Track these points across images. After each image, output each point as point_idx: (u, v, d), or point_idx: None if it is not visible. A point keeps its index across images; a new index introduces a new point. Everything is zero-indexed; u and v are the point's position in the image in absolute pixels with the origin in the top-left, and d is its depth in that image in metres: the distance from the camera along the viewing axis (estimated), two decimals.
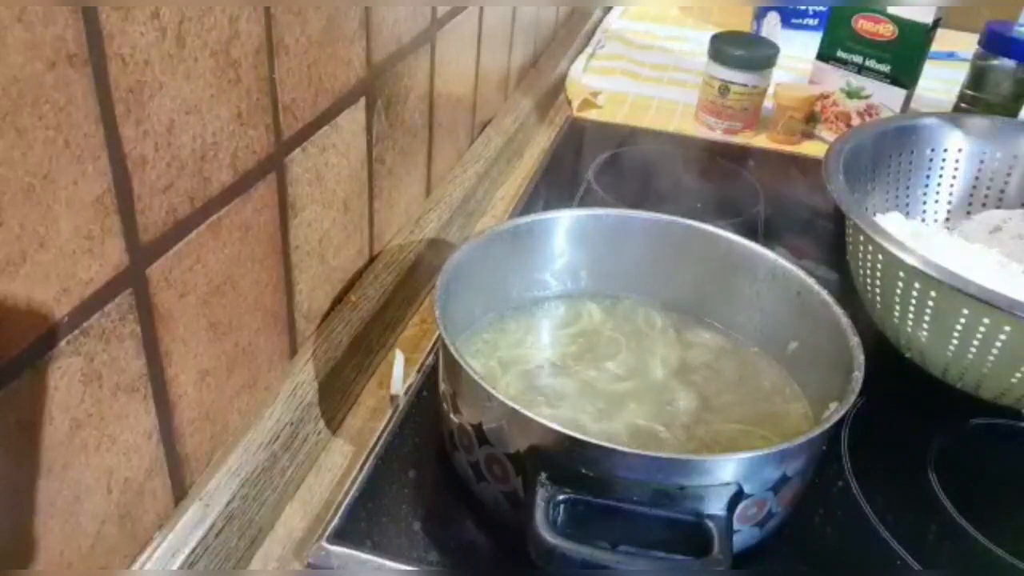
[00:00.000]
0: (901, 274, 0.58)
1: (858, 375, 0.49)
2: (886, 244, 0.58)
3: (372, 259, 0.67)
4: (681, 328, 0.63)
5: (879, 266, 0.61)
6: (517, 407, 0.45)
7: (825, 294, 0.56)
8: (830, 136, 1.02)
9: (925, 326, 0.59)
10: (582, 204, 0.86)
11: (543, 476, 0.44)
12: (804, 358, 0.57)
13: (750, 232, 0.62)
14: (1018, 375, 0.56)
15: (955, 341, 0.57)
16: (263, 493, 0.50)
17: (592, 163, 0.94)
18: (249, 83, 0.44)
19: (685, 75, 1.17)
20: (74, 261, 0.35)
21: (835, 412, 0.47)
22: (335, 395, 0.59)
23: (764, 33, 1.24)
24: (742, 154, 1.00)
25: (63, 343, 0.35)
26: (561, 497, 0.43)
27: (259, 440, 0.50)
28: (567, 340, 0.61)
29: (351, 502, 0.51)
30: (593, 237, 0.63)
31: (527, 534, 0.42)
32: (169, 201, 0.40)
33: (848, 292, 0.65)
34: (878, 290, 0.62)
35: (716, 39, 1.01)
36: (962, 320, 0.56)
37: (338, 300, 0.62)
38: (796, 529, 0.51)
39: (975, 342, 0.56)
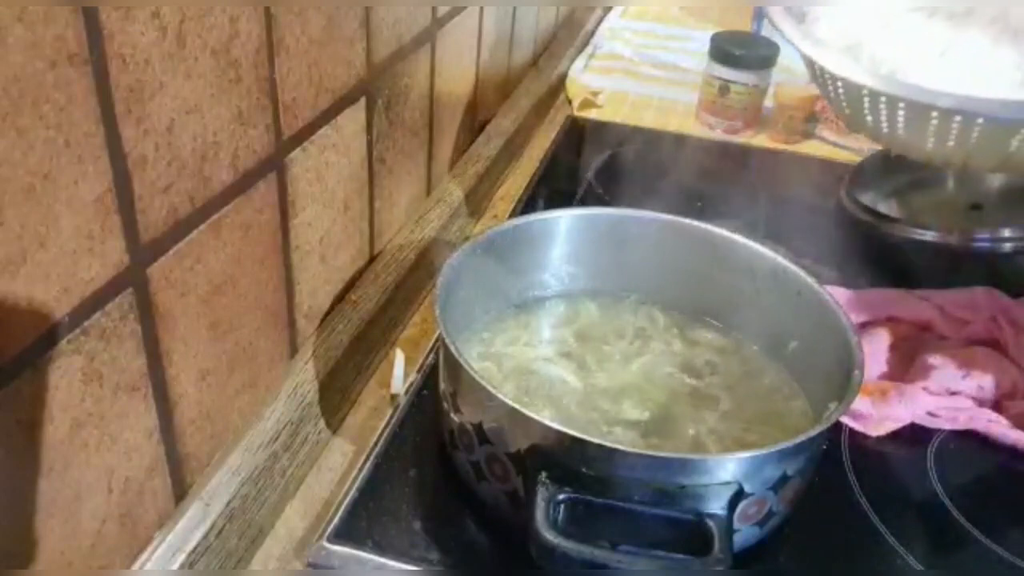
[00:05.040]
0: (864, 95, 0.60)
1: (858, 374, 0.49)
2: (836, 71, 0.58)
3: (372, 259, 0.67)
4: (681, 327, 0.63)
5: (840, 90, 0.62)
6: (517, 406, 0.45)
7: (825, 294, 0.56)
8: (830, 136, 1.02)
9: (901, 130, 0.59)
10: (582, 204, 0.86)
11: (543, 475, 0.44)
12: (804, 358, 0.57)
13: (750, 232, 0.61)
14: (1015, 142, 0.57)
15: (931, 138, 0.57)
16: (264, 492, 0.50)
17: (592, 163, 0.94)
18: (249, 83, 0.44)
19: (685, 75, 1.17)
20: (74, 260, 0.35)
21: (835, 411, 0.47)
22: (335, 394, 0.59)
23: (764, 33, 1.24)
24: (742, 154, 1.00)
25: (64, 342, 0.35)
26: (562, 496, 0.43)
27: (259, 439, 0.50)
28: (567, 339, 0.61)
29: (351, 501, 0.51)
30: (593, 237, 0.63)
31: (528, 533, 0.42)
32: (169, 201, 0.40)
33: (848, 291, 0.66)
34: (845, 106, 0.63)
35: (716, 38, 1.01)
36: (934, 120, 0.56)
37: (338, 299, 0.62)
38: (797, 528, 0.51)
39: (952, 133, 0.57)
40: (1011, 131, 0.55)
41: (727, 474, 0.44)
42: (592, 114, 1.06)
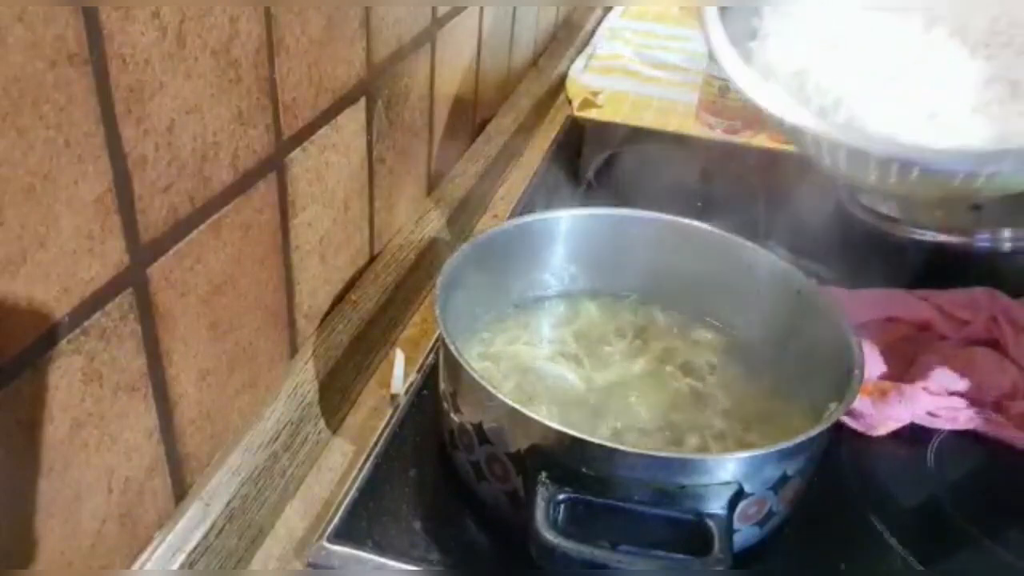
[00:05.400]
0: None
1: (858, 374, 0.49)
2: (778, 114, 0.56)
3: (372, 259, 0.67)
4: (681, 327, 0.63)
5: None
6: (517, 406, 0.45)
7: (825, 294, 0.56)
8: None
9: (842, 164, 0.58)
10: (582, 204, 0.86)
11: (543, 475, 0.44)
12: (804, 358, 0.57)
13: (750, 232, 0.62)
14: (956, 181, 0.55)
15: (873, 174, 0.56)
16: (264, 492, 0.50)
17: (592, 163, 0.94)
18: (249, 83, 0.44)
19: (685, 75, 1.17)
20: (75, 260, 0.35)
21: (835, 411, 0.47)
22: (335, 394, 0.59)
23: None
24: (742, 154, 1.00)
25: (64, 342, 0.35)
26: (562, 496, 0.43)
27: (259, 439, 0.50)
28: (567, 339, 0.61)
29: (351, 501, 0.51)
30: (593, 237, 0.63)
31: (528, 533, 0.42)
32: (169, 201, 0.40)
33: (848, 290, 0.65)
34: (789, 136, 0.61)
35: None
36: (874, 159, 0.54)
37: (338, 299, 0.62)
38: (797, 528, 0.51)
39: (893, 171, 0.55)
40: (951, 174, 0.55)
41: (727, 474, 0.44)
42: (592, 114, 1.06)
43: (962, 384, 0.61)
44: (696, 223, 0.62)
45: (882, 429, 0.59)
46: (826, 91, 0.57)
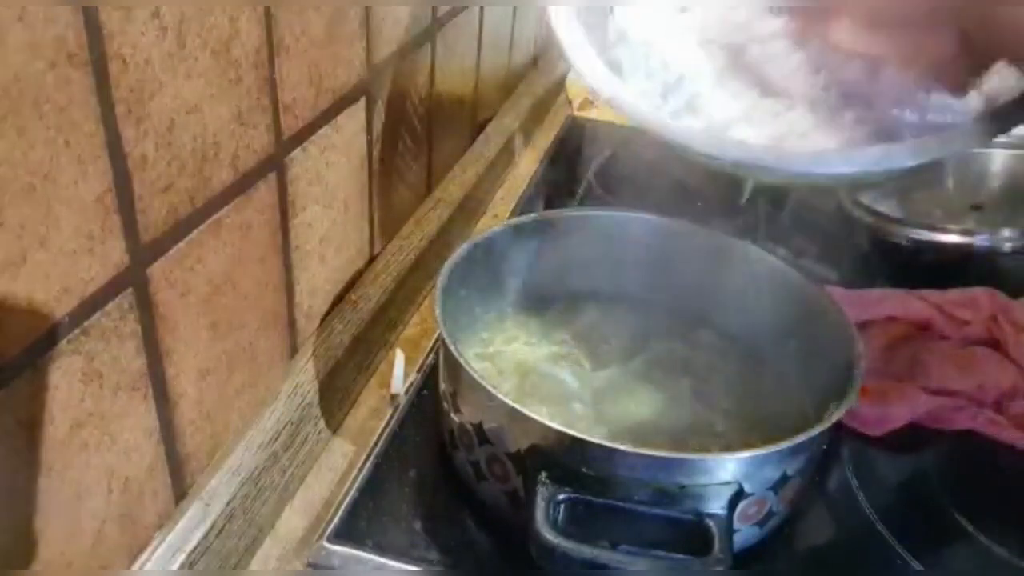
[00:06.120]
0: None
1: (858, 374, 0.49)
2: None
3: (372, 259, 0.67)
4: (681, 328, 0.63)
5: None
6: (517, 406, 0.45)
7: (825, 294, 0.56)
8: None
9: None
10: (582, 204, 0.86)
11: (543, 475, 0.44)
12: (804, 358, 0.57)
13: (750, 232, 0.62)
14: None
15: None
16: (264, 492, 0.50)
17: (592, 163, 0.94)
18: (249, 83, 0.44)
19: None
20: (75, 261, 0.35)
21: (835, 411, 0.47)
22: (335, 394, 0.59)
23: None
24: None
25: (63, 342, 0.35)
26: (561, 496, 0.43)
27: (260, 439, 0.50)
28: (567, 339, 0.61)
29: (351, 501, 0.51)
30: (593, 237, 0.63)
31: (528, 533, 0.42)
32: (170, 201, 0.40)
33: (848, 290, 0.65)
34: None
35: None
36: None
37: (338, 300, 0.62)
38: (797, 529, 0.51)
39: None
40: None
41: (727, 474, 0.44)
42: (592, 114, 1.06)
43: (962, 384, 0.61)
44: (696, 224, 0.62)
45: (882, 429, 0.59)
46: (669, 66, 0.55)
